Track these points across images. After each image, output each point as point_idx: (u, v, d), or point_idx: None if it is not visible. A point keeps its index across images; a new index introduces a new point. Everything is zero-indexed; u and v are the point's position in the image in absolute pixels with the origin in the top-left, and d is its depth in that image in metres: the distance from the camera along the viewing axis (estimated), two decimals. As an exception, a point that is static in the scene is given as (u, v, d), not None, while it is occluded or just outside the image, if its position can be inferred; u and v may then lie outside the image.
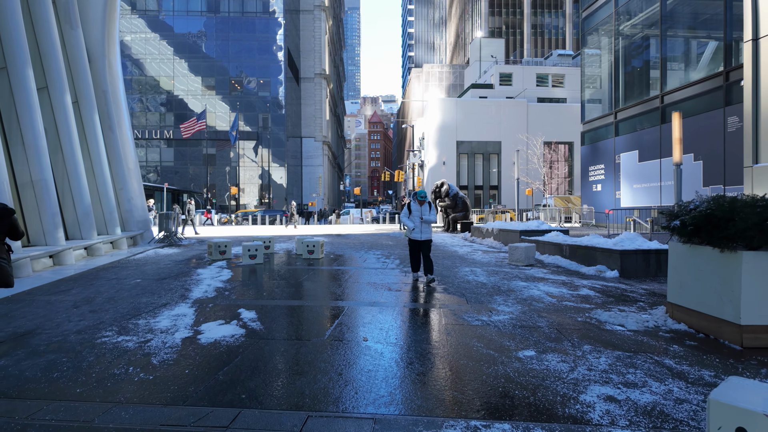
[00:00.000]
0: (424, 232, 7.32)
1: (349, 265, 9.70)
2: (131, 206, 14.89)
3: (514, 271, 8.83)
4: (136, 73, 53.50)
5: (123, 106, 15.69)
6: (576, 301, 6.12)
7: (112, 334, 4.58)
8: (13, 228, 4.37)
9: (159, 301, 6.10)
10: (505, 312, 5.49)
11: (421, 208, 7.31)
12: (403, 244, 14.57)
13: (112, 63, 15.11)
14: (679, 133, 9.83)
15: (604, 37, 22.22)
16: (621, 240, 8.81)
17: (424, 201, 7.34)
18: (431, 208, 7.40)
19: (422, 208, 7.31)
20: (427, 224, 7.33)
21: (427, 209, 7.33)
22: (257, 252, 9.91)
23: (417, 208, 7.33)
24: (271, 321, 5.08)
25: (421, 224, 7.30)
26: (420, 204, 7.34)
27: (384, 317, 5.26)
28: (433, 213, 7.38)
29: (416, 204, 7.34)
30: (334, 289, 7.05)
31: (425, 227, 7.33)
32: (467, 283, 7.51)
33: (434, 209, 7.49)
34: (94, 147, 13.10)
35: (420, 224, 7.29)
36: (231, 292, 6.79)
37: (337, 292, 6.86)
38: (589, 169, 22.50)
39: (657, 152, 17.70)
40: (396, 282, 7.63)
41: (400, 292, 6.81)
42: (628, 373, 3.51)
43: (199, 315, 5.36)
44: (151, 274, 8.56)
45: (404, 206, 18.70)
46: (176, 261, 10.49)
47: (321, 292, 6.86)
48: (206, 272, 8.70)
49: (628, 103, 19.82)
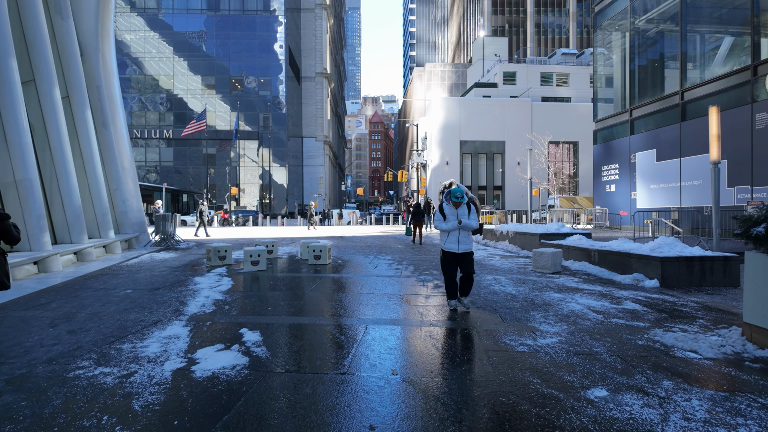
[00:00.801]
0: (462, 242, 5.70)
1: (359, 273, 8.94)
2: (126, 207, 14.13)
3: (542, 279, 8.06)
4: (135, 72, 52.76)
5: (118, 102, 14.94)
6: (626, 318, 5.35)
7: (89, 364, 3.81)
8: (7, 233, 4.23)
9: (149, 318, 5.34)
10: (551, 333, 4.72)
11: (458, 212, 5.71)
12: (413, 248, 13.80)
13: (106, 57, 14.36)
14: (717, 129, 9.07)
15: (617, 33, 21.46)
16: (658, 245, 8.04)
17: (461, 202, 5.71)
18: (471, 210, 5.77)
19: (459, 211, 5.71)
20: (466, 232, 5.73)
21: (466, 212, 5.71)
22: (260, 258, 9.14)
23: (451, 211, 5.72)
24: (279, 345, 4.31)
25: (459, 232, 5.69)
26: (455, 206, 5.73)
27: (410, 340, 4.50)
28: (474, 216, 5.77)
29: (450, 206, 5.75)
30: (348, 303, 6.28)
31: (464, 236, 5.72)
32: (495, 294, 6.73)
33: (475, 211, 5.82)
34: (86, 145, 12.34)
35: (458, 232, 5.70)
36: (231, 305, 6.02)
37: (350, 306, 6.09)
38: (602, 169, 21.73)
39: (676, 151, 16.92)
40: (414, 293, 6.87)
41: (422, 306, 6.04)
42: (739, 426, 2.74)
43: (195, 337, 4.59)
44: (144, 283, 7.79)
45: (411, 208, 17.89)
46: (172, 267, 9.72)
47: (332, 305, 6.09)
48: (204, 281, 7.93)
49: (645, 100, 19.04)
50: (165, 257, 11.60)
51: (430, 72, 73.10)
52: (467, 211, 5.75)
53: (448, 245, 5.74)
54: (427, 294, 6.80)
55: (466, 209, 5.74)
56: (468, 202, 5.79)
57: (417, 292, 6.96)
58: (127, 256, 11.72)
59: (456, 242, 5.70)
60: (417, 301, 6.29)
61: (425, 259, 10.99)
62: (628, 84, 20.07)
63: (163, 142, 53.05)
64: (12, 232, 4.27)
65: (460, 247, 5.71)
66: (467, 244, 5.74)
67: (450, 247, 5.74)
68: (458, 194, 5.68)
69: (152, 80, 53.14)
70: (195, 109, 51.75)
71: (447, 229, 5.68)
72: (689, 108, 16.56)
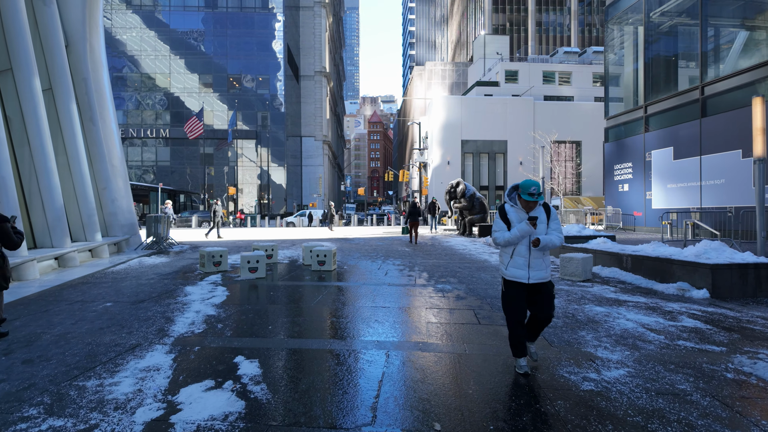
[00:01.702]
0: (536, 266, 3.60)
1: (369, 281, 8.07)
2: (115, 208, 13.23)
3: (575, 289, 7.21)
4: (131, 71, 51.78)
5: (107, 96, 14.04)
6: (692, 339, 4.51)
7: (37, 413, 2.94)
8: (6, 237, 4.27)
9: (127, 341, 4.46)
10: (614, 362, 3.87)
11: (531, 216, 3.56)
12: (422, 251, 12.91)
13: (94, 48, 13.47)
14: (762, 122, 8.24)
15: (631, 26, 20.65)
16: (704, 251, 7.20)
17: (537, 202, 3.58)
18: (551, 214, 3.69)
19: (535, 215, 3.58)
20: (540, 251, 3.61)
21: (544, 216, 3.65)
22: (258, 264, 8.27)
23: (518, 215, 3.64)
24: (282, 382, 3.45)
25: (530, 249, 3.60)
26: (528, 207, 3.62)
27: (445, 373, 3.64)
28: (555, 226, 3.66)
29: (518, 209, 3.65)
30: (361, 319, 5.41)
31: (537, 255, 3.61)
32: (528, 308, 5.87)
33: (557, 216, 3.71)
34: (71, 140, 11.44)
35: (527, 250, 3.60)
36: (225, 323, 5.15)
37: (365, 324, 5.22)
38: (614, 168, 20.91)
39: (696, 148, 16.10)
40: (435, 306, 6.00)
41: (448, 323, 5.18)
42: None
43: (180, 368, 3.72)
44: (128, 293, 6.91)
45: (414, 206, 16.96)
46: (162, 274, 8.83)
47: (343, 323, 5.22)
48: (196, 291, 7.06)
49: (660, 95, 18.23)
50: (155, 262, 10.71)
51: (431, 71, 72.28)
52: (546, 217, 3.64)
53: (513, 270, 3.63)
54: (450, 307, 5.93)
55: (543, 213, 3.65)
56: (546, 203, 3.73)
57: (438, 305, 6.10)
58: (114, 260, 10.83)
59: (525, 266, 3.58)
60: (441, 317, 5.42)
61: (438, 265, 10.13)
62: (642, 79, 19.25)
63: (159, 142, 52.05)
64: (11, 236, 4.30)
65: (533, 274, 3.58)
66: (543, 269, 3.60)
67: (515, 273, 3.61)
68: (533, 189, 3.51)
69: (148, 79, 52.17)
70: (192, 108, 50.82)
71: (510, 241, 3.59)
72: (710, 103, 15.75)
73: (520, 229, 3.55)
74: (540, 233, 3.60)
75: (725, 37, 16.15)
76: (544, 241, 3.53)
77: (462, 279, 8.10)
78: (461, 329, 4.91)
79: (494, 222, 3.79)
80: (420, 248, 14.00)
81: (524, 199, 3.59)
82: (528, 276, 3.61)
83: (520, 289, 3.65)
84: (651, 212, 18.46)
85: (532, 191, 3.53)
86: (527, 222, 3.52)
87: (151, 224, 13.67)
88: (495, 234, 3.74)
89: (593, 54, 62.16)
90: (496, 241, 3.75)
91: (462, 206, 18.85)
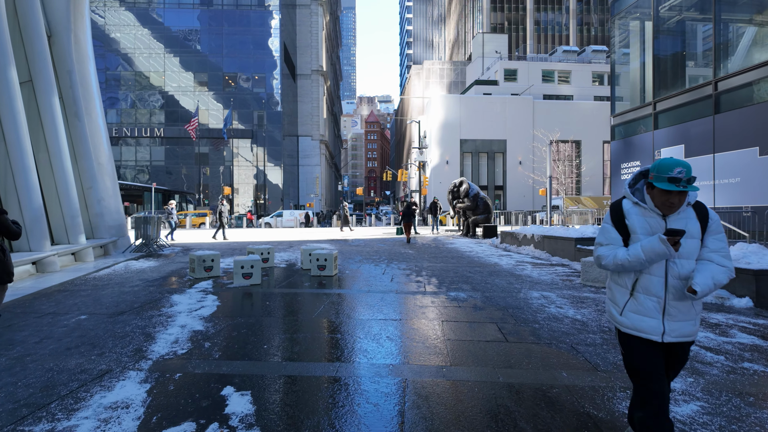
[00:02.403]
0: (677, 314, 2.12)
1: (374, 288, 7.39)
2: (102, 209, 12.49)
3: (602, 297, 6.56)
4: (124, 69, 50.86)
5: (94, 90, 13.30)
6: (759, 361, 3.86)
7: (-42, 477, 2.25)
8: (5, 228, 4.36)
9: (96, 366, 3.77)
10: (678, 392, 3.21)
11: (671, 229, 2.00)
12: (432, 254, 12.23)
13: (80, 39, 12.74)
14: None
15: (638, 20, 20.06)
16: (742, 255, 6.57)
17: (683, 194, 2.04)
18: (710, 222, 2.12)
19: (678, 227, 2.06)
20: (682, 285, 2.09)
21: (695, 226, 2.09)
22: (253, 270, 7.58)
23: (647, 221, 2.15)
24: (281, 425, 2.76)
25: (666, 285, 2.11)
26: (665, 204, 2.07)
27: (486, 414, 2.96)
28: (718, 243, 2.11)
29: (647, 211, 2.16)
30: (370, 337, 4.73)
31: (680, 298, 2.10)
32: (557, 321, 5.22)
33: (720, 226, 2.13)
34: (53, 136, 10.70)
35: (662, 286, 2.12)
36: (214, 342, 4.46)
37: (375, 342, 4.54)
38: (622, 167, 20.30)
39: (709, 146, 15.51)
40: (451, 317, 5.33)
41: (470, 341, 4.51)
42: None
43: (154, 406, 3.03)
44: (107, 303, 6.20)
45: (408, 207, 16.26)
46: (148, 281, 8.12)
47: (350, 342, 4.54)
48: (183, 301, 6.36)
49: (671, 91, 17.64)
50: (143, 266, 9.99)
51: (429, 70, 71.69)
52: (699, 228, 2.11)
53: (633, 318, 2.18)
54: (469, 320, 5.26)
55: (694, 220, 2.12)
56: (703, 204, 2.15)
57: (454, 317, 5.43)
58: (99, 265, 10.10)
59: (657, 311, 2.13)
60: (460, 332, 4.75)
61: (447, 269, 9.46)
62: (651, 75, 18.65)
63: (153, 141, 51.15)
64: (10, 227, 4.38)
65: (672, 327, 2.12)
66: (689, 319, 2.15)
67: (638, 323, 2.16)
68: (679, 172, 1.99)
69: (143, 77, 51.26)
70: (187, 107, 50.00)
71: (629, 266, 2.14)
72: (724, 99, 15.17)
73: (648, 248, 2.04)
74: (687, 257, 2.08)
75: (741, 30, 15.57)
76: (703, 286, 1.99)
77: (475, 285, 7.44)
78: (488, 349, 4.23)
79: (600, 229, 2.31)
80: (424, 250, 13.34)
81: (661, 191, 2.04)
82: (662, 329, 2.10)
83: (648, 351, 2.13)
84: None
85: (677, 174, 1.98)
86: (662, 239, 1.99)
87: (141, 225, 12.96)
88: (599, 251, 2.25)
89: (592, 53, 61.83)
90: (600, 263, 2.25)
91: (465, 206, 18.20)
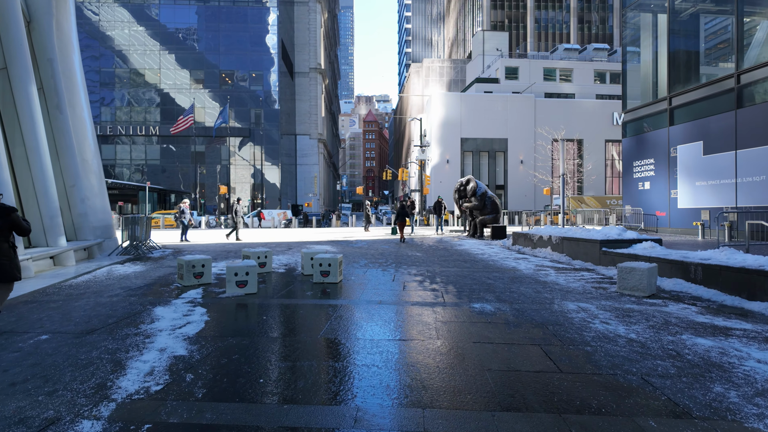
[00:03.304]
0: None
1: (386, 298, 6.53)
2: (86, 208, 11.59)
3: (648, 309, 5.72)
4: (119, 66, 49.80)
5: (79, 82, 12.41)
6: None
7: None
8: (17, 225, 4.57)
9: (41, 413, 2.90)
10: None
11: None
12: (442, 257, 11.36)
13: (62, 26, 11.84)
14: None
15: (649, 14, 19.28)
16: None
17: None
18: None
19: None
20: None
21: None
22: (248, 277, 6.70)
23: None
24: None
25: None
26: None
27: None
28: None
29: None
30: (392, 366, 3.86)
31: None
32: (607, 340, 4.37)
33: None
34: (30, 129, 9.80)
35: None
36: (198, 374, 3.59)
37: (400, 373, 3.68)
38: (634, 165, 19.52)
39: (731, 142, 14.73)
40: (484, 337, 4.48)
41: (520, 372, 3.66)
42: None
43: (105, 481, 2.16)
44: (78, 318, 5.32)
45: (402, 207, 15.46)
46: (130, 289, 7.24)
47: (369, 373, 3.68)
48: (167, 315, 5.49)
49: (688, 86, 16.85)
50: (127, 272, 9.10)
51: (428, 68, 70.87)
52: None
53: None
54: (506, 341, 4.40)
55: None
56: None
57: (487, 336, 4.58)
58: (80, 269, 9.21)
59: None
60: (501, 360, 3.89)
61: (462, 275, 8.61)
62: (666, 69, 17.87)
63: (149, 140, 50.13)
64: (21, 224, 4.60)
65: None
66: None
67: None
68: None
69: (137, 75, 50.22)
70: (183, 105, 49.00)
71: None
72: (747, 93, 14.39)
73: None
74: None
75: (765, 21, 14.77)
76: None
77: (499, 295, 6.59)
78: (541, 384, 3.38)
79: None
80: (433, 253, 12.49)
81: None
82: None
83: None
84: (676, 212, 17.09)
85: None
86: None
87: (129, 226, 12.07)
88: None
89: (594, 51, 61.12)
90: None
91: (473, 206, 17.36)
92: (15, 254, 4.58)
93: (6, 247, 4.51)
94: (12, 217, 4.52)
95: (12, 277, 4.53)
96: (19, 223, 4.60)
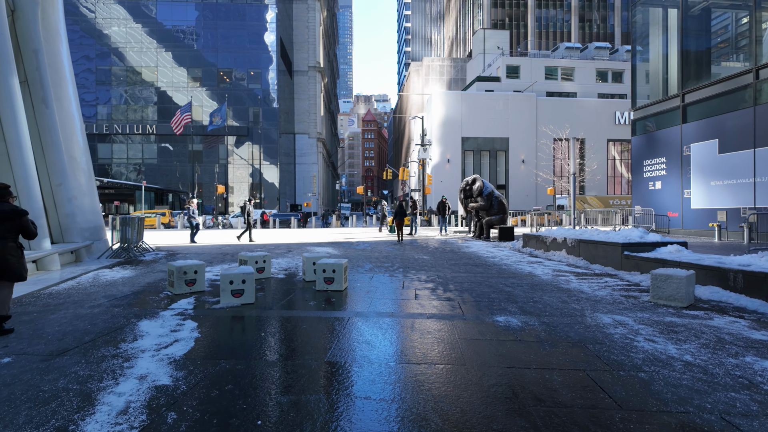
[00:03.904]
0: None
1: (397, 310, 5.91)
2: (74, 208, 10.94)
3: (690, 322, 5.11)
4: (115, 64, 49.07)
5: (67, 75, 11.73)
6: None
7: None
8: (25, 229, 4.66)
9: (-23, 472, 2.27)
10: None
11: None
12: (451, 260, 10.72)
13: (48, 15, 11.17)
14: None
15: (662, 8, 18.69)
16: None
17: None
18: None
19: None
20: None
21: None
22: (245, 285, 6.07)
23: None
24: None
25: None
26: None
27: None
28: None
29: None
30: (411, 401, 3.25)
31: None
32: (665, 367, 3.75)
33: None
34: (11, 123, 9.14)
35: None
36: (182, 412, 2.96)
37: (423, 408, 3.06)
38: (644, 164, 18.94)
39: (749, 140, 14.15)
40: (516, 360, 3.87)
41: (569, 408, 3.04)
42: None
43: None
44: (50, 335, 4.69)
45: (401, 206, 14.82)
46: (115, 298, 6.60)
47: (386, 410, 3.06)
48: (153, 330, 4.85)
49: (702, 82, 16.27)
50: (115, 277, 8.45)
51: (428, 66, 70.24)
52: None
53: None
54: (542, 365, 3.78)
55: None
56: None
57: (520, 359, 3.96)
58: (64, 275, 8.57)
59: None
60: (542, 391, 3.27)
61: (476, 281, 8.00)
62: (677, 65, 17.28)
63: (146, 139, 49.40)
64: (29, 228, 4.73)
65: None
66: None
67: None
68: None
69: (134, 73, 49.50)
70: (180, 103, 48.24)
71: None
72: (766, 89, 13.80)
73: None
74: None
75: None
76: None
77: (523, 306, 5.97)
78: (603, 426, 2.76)
79: None
80: (440, 256, 11.86)
81: None
82: None
83: None
84: (690, 212, 16.50)
85: None
86: None
87: (120, 228, 11.42)
88: None
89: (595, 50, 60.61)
90: None
91: (479, 206, 16.75)
92: (22, 254, 4.68)
93: (14, 246, 4.60)
94: (23, 220, 4.62)
95: (20, 276, 4.59)
96: (28, 227, 4.70)
